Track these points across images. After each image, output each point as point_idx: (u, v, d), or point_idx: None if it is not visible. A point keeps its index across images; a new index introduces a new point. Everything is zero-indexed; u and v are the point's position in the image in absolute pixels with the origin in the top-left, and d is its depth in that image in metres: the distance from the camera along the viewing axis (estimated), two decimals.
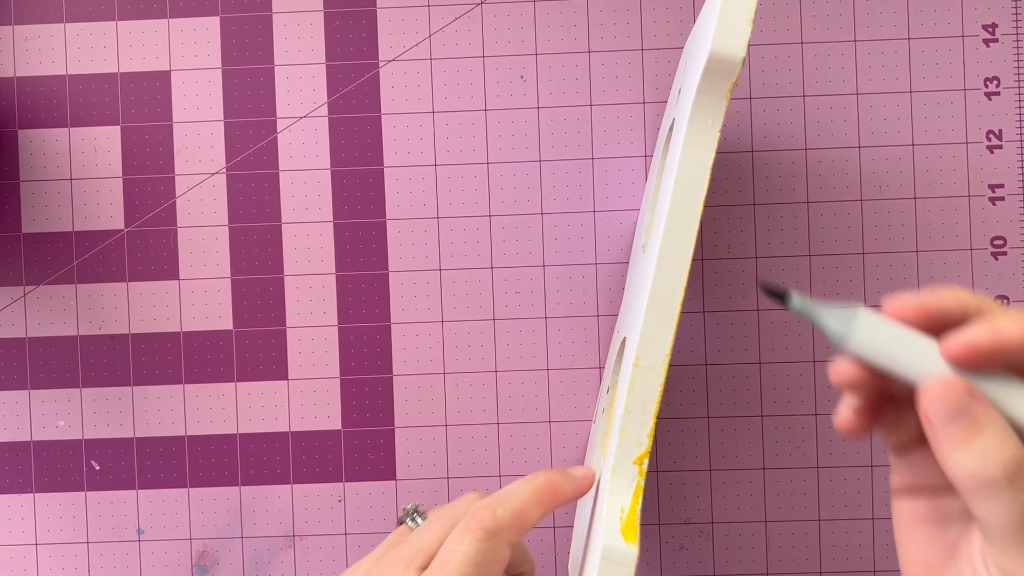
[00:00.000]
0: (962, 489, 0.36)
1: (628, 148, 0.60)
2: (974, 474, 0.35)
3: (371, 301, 0.60)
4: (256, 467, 0.60)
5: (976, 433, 0.36)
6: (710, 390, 0.60)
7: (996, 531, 0.36)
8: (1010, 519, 0.35)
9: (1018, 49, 0.59)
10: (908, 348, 0.37)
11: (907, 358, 0.37)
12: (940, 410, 0.36)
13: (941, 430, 0.36)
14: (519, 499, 0.44)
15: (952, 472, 0.36)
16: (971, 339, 0.36)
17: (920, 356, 0.37)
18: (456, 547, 0.43)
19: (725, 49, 0.40)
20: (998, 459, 0.35)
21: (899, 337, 0.37)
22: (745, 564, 0.60)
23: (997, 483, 0.35)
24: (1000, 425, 0.36)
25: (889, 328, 0.37)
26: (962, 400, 0.36)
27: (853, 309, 0.38)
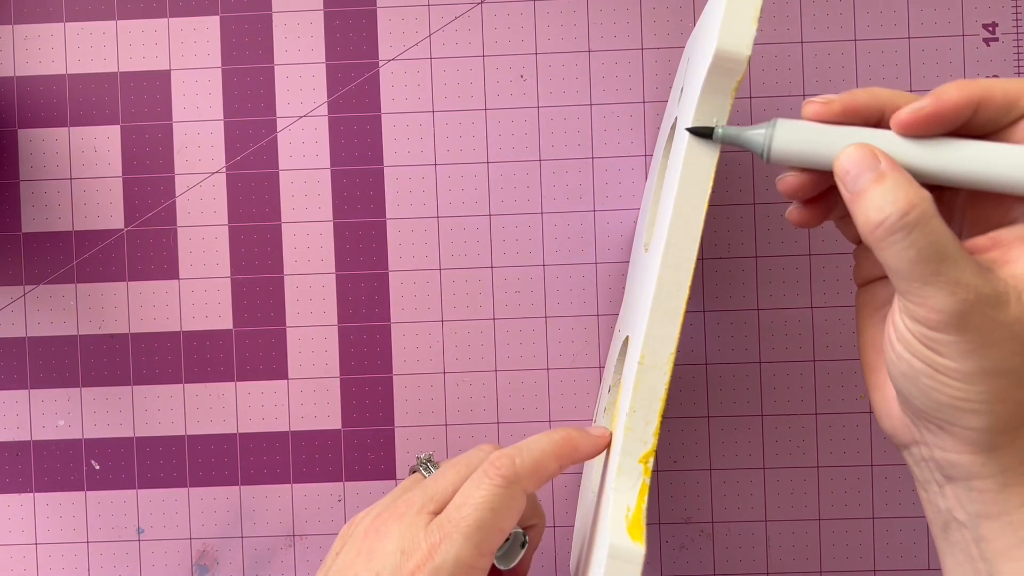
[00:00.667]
0: (868, 240, 0.38)
1: (628, 148, 0.60)
2: (874, 221, 0.38)
3: (371, 301, 0.60)
4: (256, 467, 0.60)
5: (876, 183, 0.38)
6: (710, 390, 0.60)
7: (900, 276, 0.38)
8: (909, 260, 0.37)
9: (1018, 48, 0.59)
10: (823, 139, 0.40)
11: (823, 148, 0.40)
12: (847, 173, 0.39)
13: (850, 191, 0.39)
14: (538, 450, 0.45)
15: (859, 226, 0.39)
16: (915, 106, 0.39)
17: (834, 143, 0.40)
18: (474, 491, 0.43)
19: (731, 47, 0.40)
20: (894, 204, 0.37)
21: (813, 132, 0.41)
22: (745, 564, 0.60)
23: (894, 226, 0.37)
24: (899, 177, 0.38)
25: (806, 128, 0.41)
26: (863, 158, 0.39)
27: (773, 121, 0.41)
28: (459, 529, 0.42)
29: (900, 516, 0.59)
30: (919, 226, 0.37)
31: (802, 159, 0.41)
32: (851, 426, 0.59)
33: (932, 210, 0.37)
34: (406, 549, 0.43)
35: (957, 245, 0.37)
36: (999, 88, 0.39)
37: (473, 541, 0.42)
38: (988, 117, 0.39)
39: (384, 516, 0.45)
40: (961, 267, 0.37)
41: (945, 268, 0.37)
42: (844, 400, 0.59)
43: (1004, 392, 0.37)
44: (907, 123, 0.39)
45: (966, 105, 0.39)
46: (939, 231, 0.37)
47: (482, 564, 0.43)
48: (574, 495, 0.60)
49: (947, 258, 0.37)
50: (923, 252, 0.37)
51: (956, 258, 0.37)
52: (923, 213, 0.37)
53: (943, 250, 0.37)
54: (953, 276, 0.37)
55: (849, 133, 0.40)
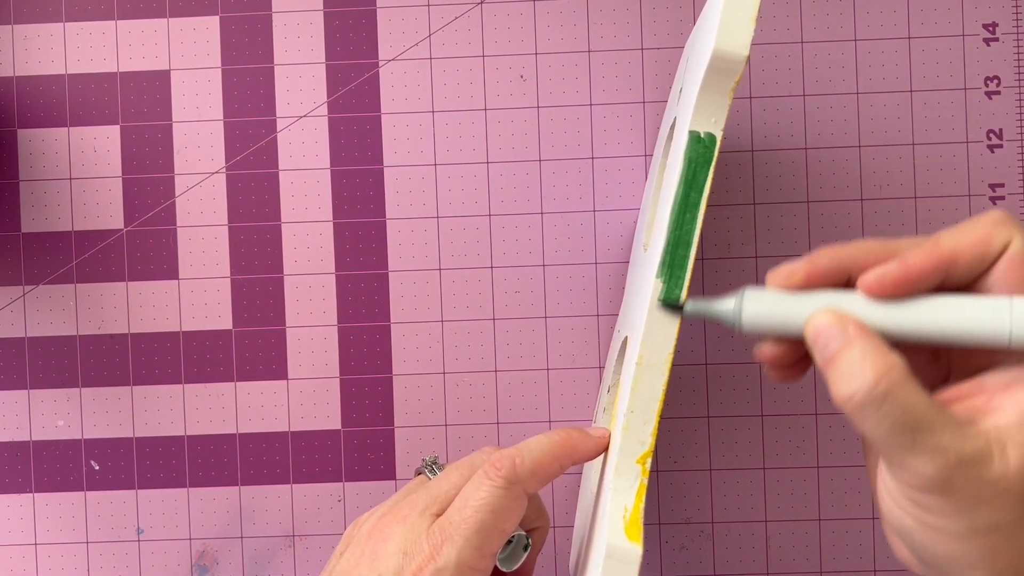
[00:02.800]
0: (842, 409, 0.38)
1: (628, 148, 0.60)
2: (844, 394, 0.37)
3: (371, 301, 0.60)
4: (256, 467, 0.60)
5: (844, 351, 0.37)
6: (710, 390, 0.60)
7: (877, 445, 0.37)
8: (884, 432, 0.36)
9: (1018, 48, 0.59)
10: (791, 307, 0.40)
11: (793, 316, 0.40)
12: (815, 339, 0.39)
13: (819, 358, 0.39)
14: (538, 451, 0.45)
15: (834, 397, 0.38)
16: (880, 271, 0.38)
17: (803, 309, 0.39)
18: (474, 493, 0.43)
19: (728, 47, 0.40)
20: (862, 376, 0.36)
21: (781, 302, 0.40)
22: (745, 564, 0.60)
23: (865, 400, 0.36)
24: (867, 344, 0.37)
25: (773, 298, 0.40)
26: (830, 326, 0.38)
27: (740, 293, 0.41)
28: (460, 531, 0.42)
29: None
30: (889, 397, 0.36)
31: (774, 330, 0.40)
32: (851, 426, 0.59)
33: (902, 376, 0.36)
34: (408, 551, 0.43)
35: (932, 408, 0.36)
36: (966, 246, 0.38)
37: (474, 543, 0.42)
38: (960, 274, 0.38)
39: (387, 518, 0.45)
40: (938, 432, 0.36)
41: (922, 436, 0.36)
42: None
43: (998, 547, 0.36)
44: (873, 288, 0.38)
45: (933, 269, 0.38)
46: (911, 399, 0.36)
47: (483, 566, 0.43)
48: (574, 495, 0.60)
49: (922, 427, 0.36)
50: (897, 423, 0.36)
51: (932, 425, 0.36)
52: (892, 383, 0.36)
53: (917, 418, 0.36)
54: (931, 444, 0.36)
55: (817, 299, 0.39)
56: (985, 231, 0.38)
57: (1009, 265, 0.38)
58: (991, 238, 0.38)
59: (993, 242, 0.38)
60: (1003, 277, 0.38)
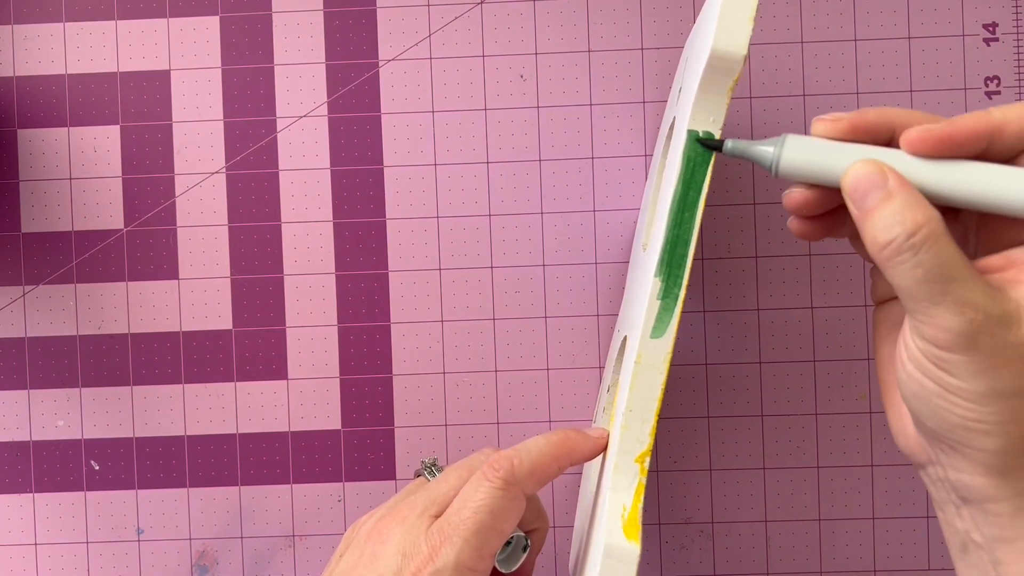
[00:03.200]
0: (876, 260, 0.38)
1: (628, 148, 0.60)
2: (881, 241, 0.38)
3: (371, 301, 0.60)
4: (256, 467, 0.60)
5: (885, 202, 0.38)
6: (710, 390, 0.60)
7: (908, 296, 0.38)
8: (916, 281, 0.37)
9: (1018, 48, 0.59)
10: (832, 156, 0.40)
11: (832, 165, 0.40)
12: (855, 190, 0.39)
13: (857, 207, 0.39)
14: (536, 452, 0.45)
15: (868, 246, 0.38)
16: (926, 126, 0.39)
17: (842, 159, 0.40)
18: (473, 494, 0.43)
19: (727, 47, 0.40)
20: (901, 224, 0.37)
21: (822, 149, 0.40)
22: (745, 564, 0.60)
23: (901, 247, 0.37)
24: (908, 195, 0.38)
25: (815, 144, 0.40)
26: (871, 175, 0.39)
27: (782, 136, 0.41)
28: (459, 532, 0.42)
29: (900, 516, 0.59)
30: (926, 246, 0.36)
31: (810, 175, 0.40)
32: (851, 426, 0.59)
33: (940, 229, 0.37)
34: (407, 552, 0.43)
35: (966, 265, 0.37)
36: (1015, 118, 0.39)
37: (472, 544, 0.42)
38: (1005, 146, 0.39)
39: (387, 519, 0.45)
40: (969, 287, 0.36)
41: (953, 288, 0.36)
42: (844, 400, 0.59)
43: (1016, 413, 0.37)
44: (917, 142, 0.39)
45: (980, 134, 0.38)
46: (947, 251, 0.37)
47: (482, 567, 0.43)
48: (574, 495, 0.60)
49: (955, 278, 0.36)
50: (931, 272, 0.36)
51: (964, 278, 0.36)
52: (931, 233, 0.36)
53: (951, 270, 0.36)
54: (961, 296, 0.36)
55: (859, 151, 0.40)
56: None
57: None
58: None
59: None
60: None
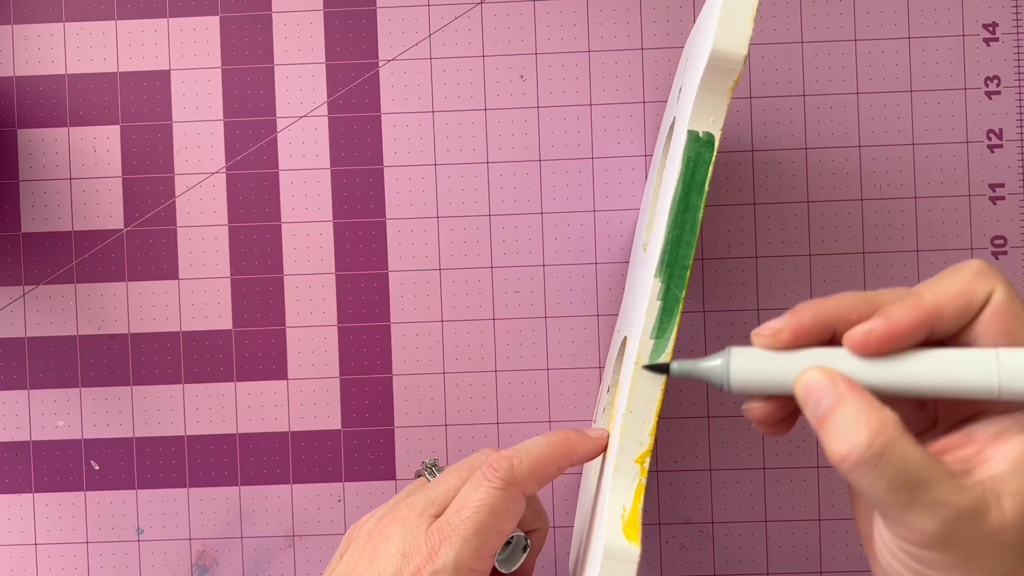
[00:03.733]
0: (838, 469, 0.37)
1: (628, 148, 0.60)
2: (839, 454, 0.37)
3: (371, 301, 0.60)
4: (256, 467, 0.60)
5: (837, 409, 0.37)
6: (710, 390, 0.60)
7: (875, 503, 0.37)
8: (882, 491, 0.36)
9: (1018, 48, 0.59)
10: (779, 366, 0.39)
11: (781, 375, 0.39)
12: (806, 399, 0.38)
13: (812, 417, 0.38)
14: (536, 452, 0.45)
15: (828, 457, 0.37)
16: (865, 328, 0.38)
17: (791, 367, 0.39)
18: (472, 494, 0.43)
19: (727, 47, 0.40)
20: (856, 435, 0.36)
21: (769, 360, 0.39)
22: (745, 564, 0.60)
23: (860, 459, 0.36)
24: (859, 401, 0.37)
25: (760, 356, 0.40)
26: (820, 383, 0.38)
27: (726, 352, 0.40)
28: (458, 532, 0.42)
29: None
30: (885, 455, 0.36)
31: (763, 388, 0.40)
32: None
33: (897, 433, 0.36)
34: (407, 552, 0.43)
35: (929, 463, 0.36)
36: (949, 300, 0.38)
37: (472, 544, 0.42)
38: (945, 328, 0.38)
39: (386, 520, 0.45)
40: (936, 487, 0.36)
41: (920, 493, 0.36)
42: None
43: None
44: (859, 346, 0.38)
45: (919, 324, 0.38)
46: (908, 455, 0.36)
47: (482, 567, 0.43)
48: (574, 495, 0.60)
49: (920, 482, 0.36)
50: (894, 481, 0.36)
51: (930, 479, 0.36)
52: (887, 440, 0.36)
53: (915, 474, 0.36)
54: (930, 499, 0.35)
55: (805, 356, 0.39)
56: (967, 283, 0.38)
57: (993, 316, 0.38)
58: (973, 290, 0.38)
59: (976, 294, 0.38)
60: (988, 328, 0.38)
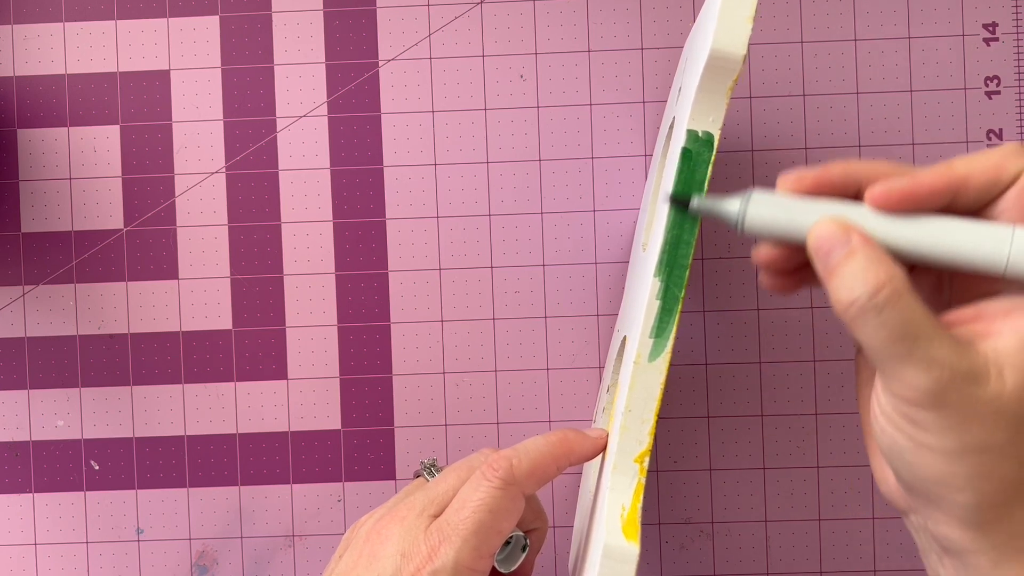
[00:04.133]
0: (842, 318, 0.38)
1: (628, 148, 0.60)
2: (844, 300, 0.37)
3: (371, 301, 0.60)
4: (256, 467, 0.60)
5: (848, 260, 0.38)
6: (710, 390, 0.60)
7: (874, 354, 0.37)
8: (881, 340, 0.37)
9: (1018, 48, 0.59)
10: (796, 213, 0.40)
11: (797, 222, 0.39)
12: (818, 248, 0.39)
13: (821, 266, 0.39)
14: (535, 451, 0.45)
15: (833, 304, 0.38)
16: (889, 183, 0.39)
17: (807, 216, 0.39)
18: (472, 494, 0.43)
19: (726, 47, 0.40)
20: (863, 284, 0.37)
21: (787, 206, 0.40)
22: (745, 564, 0.60)
23: (865, 306, 0.37)
24: (870, 253, 0.37)
25: (779, 202, 0.40)
26: (834, 234, 0.38)
27: (747, 193, 0.40)
28: (458, 532, 0.42)
29: (900, 516, 0.59)
30: (889, 305, 0.36)
31: (776, 233, 0.40)
32: (851, 426, 0.59)
33: (904, 287, 0.37)
34: (406, 552, 0.43)
35: (931, 322, 0.36)
36: (979, 170, 0.38)
37: (471, 543, 0.42)
38: (970, 199, 0.39)
39: (386, 520, 0.45)
40: (935, 344, 0.36)
41: (918, 346, 0.36)
42: (844, 400, 0.59)
43: (988, 468, 0.36)
44: (880, 199, 0.38)
45: (943, 189, 0.38)
46: (911, 309, 0.36)
47: (481, 566, 0.43)
48: (574, 495, 0.60)
49: (920, 336, 0.36)
50: (895, 331, 0.36)
51: (930, 335, 0.36)
52: (893, 291, 0.36)
53: (915, 328, 0.36)
54: (927, 354, 0.36)
55: (824, 207, 0.39)
56: (999, 159, 0.39)
57: (1020, 194, 0.38)
58: (1004, 165, 0.38)
59: (1006, 169, 0.38)
60: (1012, 205, 0.38)
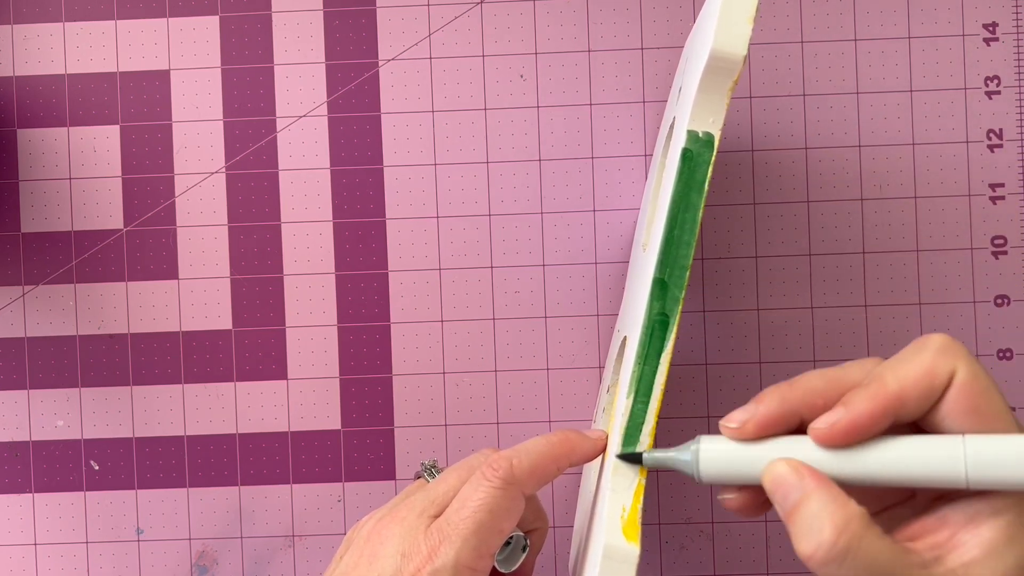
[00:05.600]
0: (807, 566, 0.37)
1: (628, 148, 0.60)
2: (806, 551, 0.37)
3: (371, 301, 0.60)
4: (256, 467, 0.60)
5: (802, 504, 0.37)
6: (710, 390, 0.60)
7: None
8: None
9: (1018, 48, 0.59)
10: (747, 456, 0.39)
11: (750, 465, 0.39)
12: (773, 491, 0.38)
13: (779, 509, 0.38)
14: (535, 452, 0.45)
15: (797, 553, 0.37)
16: (829, 420, 0.38)
17: (759, 458, 0.39)
18: (472, 494, 0.43)
19: (726, 47, 0.40)
20: (820, 532, 0.36)
21: (738, 451, 0.40)
22: (745, 564, 0.60)
23: (827, 556, 0.36)
24: (824, 495, 0.37)
25: (728, 448, 0.40)
26: (786, 477, 0.38)
27: (696, 443, 0.40)
28: (458, 531, 0.42)
29: None
30: (851, 553, 0.36)
31: (733, 479, 0.40)
32: None
33: (863, 528, 0.36)
34: (406, 552, 0.43)
35: (896, 556, 0.36)
36: (911, 384, 0.37)
37: (471, 543, 0.42)
38: (910, 412, 0.38)
39: (386, 520, 0.45)
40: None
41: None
42: None
43: None
44: (824, 439, 0.38)
45: (883, 414, 0.38)
46: (873, 551, 0.36)
47: (481, 566, 0.43)
48: (574, 496, 0.60)
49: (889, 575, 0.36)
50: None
51: (897, 573, 0.36)
52: (853, 536, 0.36)
53: (883, 570, 0.36)
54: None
55: (772, 447, 0.39)
56: (928, 363, 0.38)
57: (957, 395, 0.37)
58: (935, 370, 0.38)
59: (938, 374, 0.37)
60: (953, 407, 0.37)
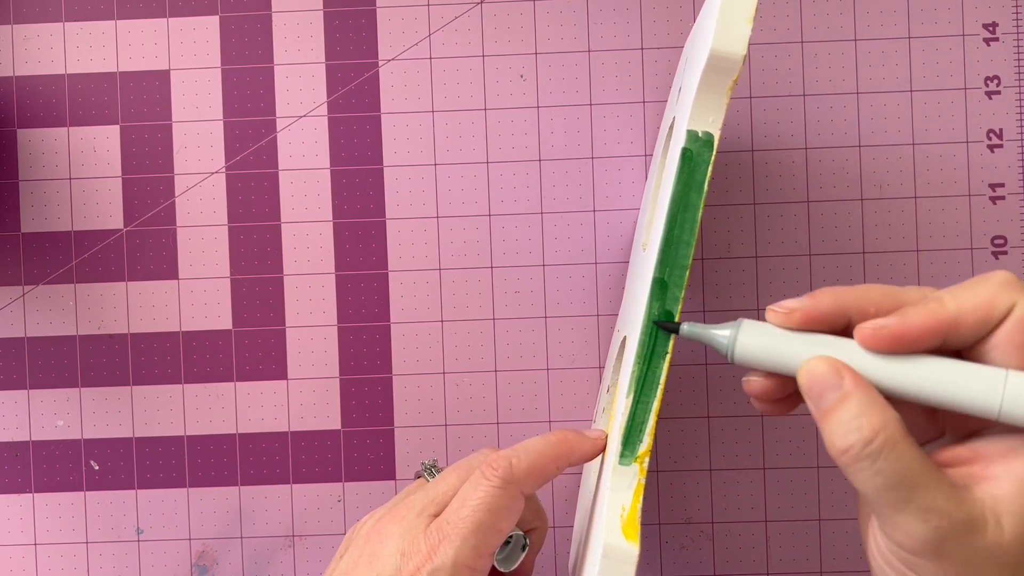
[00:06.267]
0: (837, 462, 0.37)
1: (628, 148, 0.60)
2: (839, 447, 0.37)
3: (371, 301, 0.60)
4: (256, 467, 0.60)
5: (841, 404, 0.37)
6: (710, 390, 0.60)
7: (871, 501, 0.37)
8: (877, 488, 0.36)
9: (1019, 48, 0.59)
10: (786, 347, 0.39)
11: (787, 356, 0.39)
12: (810, 390, 0.38)
13: (814, 407, 0.38)
14: (535, 451, 0.45)
15: (828, 448, 0.37)
16: (878, 324, 0.38)
17: (798, 351, 0.39)
18: (471, 493, 0.43)
19: (726, 47, 0.40)
20: (858, 431, 0.36)
21: (778, 339, 0.39)
22: (745, 564, 0.60)
23: (859, 455, 0.36)
24: (864, 397, 0.37)
25: (770, 332, 0.40)
26: (826, 375, 0.38)
27: (738, 322, 0.40)
28: (457, 530, 0.42)
29: None
30: (884, 453, 0.35)
31: (766, 365, 0.40)
32: None
33: (899, 434, 0.36)
34: (406, 551, 0.43)
35: (928, 469, 0.36)
36: (969, 310, 0.37)
37: (471, 542, 0.42)
38: (961, 338, 0.38)
39: (386, 519, 0.45)
40: (932, 493, 0.35)
41: (915, 495, 0.35)
42: None
43: None
44: (870, 341, 0.38)
45: (935, 330, 0.37)
46: (907, 456, 0.36)
47: (481, 565, 0.43)
48: (574, 495, 0.60)
49: (917, 485, 0.35)
50: (890, 480, 0.35)
51: (927, 484, 0.35)
52: (888, 438, 0.36)
53: (912, 477, 0.35)
54: (924, 503, 0.35)
55: (813, 342, 0.39)
56: (989, 294, 0.37)
57: (1012, 329, 0.37)
58: (995, 301, 0.37)
59: (997, 306, 0.37)
60: (1005, 341, 0.37)
